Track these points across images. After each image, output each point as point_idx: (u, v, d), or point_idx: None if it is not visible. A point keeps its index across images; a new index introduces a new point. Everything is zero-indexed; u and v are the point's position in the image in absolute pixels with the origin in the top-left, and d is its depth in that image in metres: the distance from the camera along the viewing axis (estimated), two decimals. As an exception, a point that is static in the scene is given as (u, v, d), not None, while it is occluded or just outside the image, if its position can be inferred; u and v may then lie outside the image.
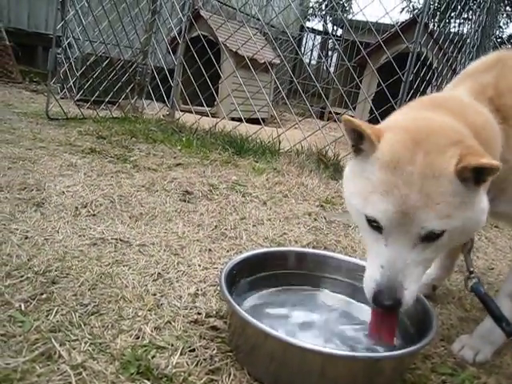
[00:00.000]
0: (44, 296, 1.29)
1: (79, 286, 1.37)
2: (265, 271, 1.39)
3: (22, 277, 1.36)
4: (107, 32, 4.15)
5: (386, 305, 1.01)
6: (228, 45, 4.90)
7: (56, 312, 1.22)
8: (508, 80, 1.24)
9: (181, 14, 4.33)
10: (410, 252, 1.01)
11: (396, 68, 3.33)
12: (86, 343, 1.13)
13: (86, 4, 4.08)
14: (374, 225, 1.03)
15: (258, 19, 4.91)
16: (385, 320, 1.10)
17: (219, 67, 4.67)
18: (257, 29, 5.71)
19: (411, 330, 1.28)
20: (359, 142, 1.08)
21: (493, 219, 2.20)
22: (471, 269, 1.34)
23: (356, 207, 1.07)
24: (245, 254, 1.38)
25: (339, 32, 8.35)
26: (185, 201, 2.22)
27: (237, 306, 1.09)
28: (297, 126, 3.76)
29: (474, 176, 0.99)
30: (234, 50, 4.79)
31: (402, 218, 0.98)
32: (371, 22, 4.96)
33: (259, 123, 3.85)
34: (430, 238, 1.01)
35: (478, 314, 1.61)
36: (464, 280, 1.38)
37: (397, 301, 1.00)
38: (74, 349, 1.10)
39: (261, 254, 1.42)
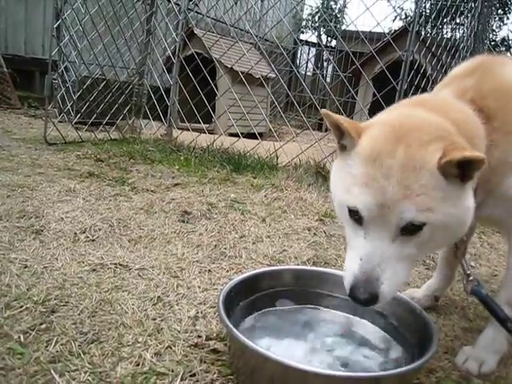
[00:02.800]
0: (43, 326, 1.29)
1: (79, 314, 1.37)
2: (263, 291, 1.39)
3: (21, 307, 1.36)
4: (103, 54, 4.19)
5: (361, 299, 1.00)
6: (223, 61, 4.94)
7: (56, 342, 1.22)
8: (489, 84, 1.26)
9: (174, 34, 4.37)
10: (389, 245, 1.01)
11: (390, 77, 3.34)
12: (85, 373, 1.13)
13: (80, 28, 4.12)
14: (355, 217, 1.04)
15: (253, 34, 4.94)
16: None
17: (215, 84, 4.71)
18: (251, 44, 5.76)
19: (413, 345, 1.27)
20: (342, 138, 1.10)
21: (482, 224, 2.20)
22: (468, 272, 1.33)
23: (338, 199, 1.10)
24: (242, 276, 1.38)
25: (334, 43, 8.44)
26: (183, 221, 2.22)
27: (234, 330, 1.09)
28: (295, 139, 3.78)
29: (459, 172, 1.00)
30: (229, 66, 4.83)
31: (381, 209, 0.99)
32: (363, 32, 5.00)
33: (258, 138, 3.87)
34: (410, 230, 1.01)
35: (482, 323, 1.59)
36: (463, 285, 1.37)
37: (373, 295, 0.99)
38: (74, 379, 1.10)
39: (258, 274, 1.42)
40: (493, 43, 8.61)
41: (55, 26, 3.78)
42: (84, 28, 4.18)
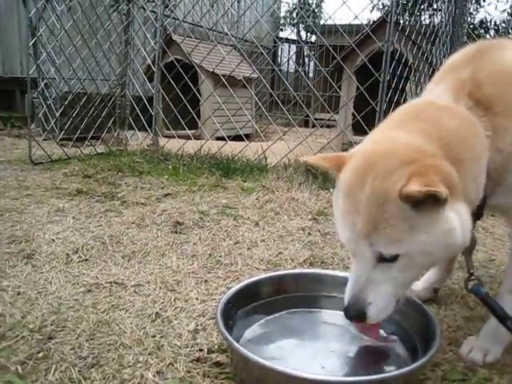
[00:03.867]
0: (41, 354, 1.26)
1: (76, 338, 1.34)
2: (261, 299, 1.37)
3: (17, 337, 1.33)
4: (82, 68, 4.15)
5: (350, 317, 1.11)
6: (204, 66, 4.91)
7: (55, 370, 1.20)
8: (486, 71, 1.23)
9: (152, 42, 4.34)
10: (372, 271, 1.07)
11: (371, 69, 3.34)
12: (87, 400, 1.11)
13: (57, 44, 4.08)
14: None
15: (232, 36, 4.92)
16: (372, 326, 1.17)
17: (198, 89, 4.68)
18: (231, 46, 5.73)
19: (417, 342, 1.26)
20: None
21: (492, 212, 2.19)
22: (472, 270, 1.33)
23: None
24: (239, 285, 1.36)
25: (314, 38, 8.42)
26: (176, 232, 2.20)
27: (234, 342, 1.07)
28: (282, 138, 3.76)
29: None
30: (211, 70, 4.80)
31: (354, 243, 1.06)
32: (342, 25, 5.00)
33: (245, 140, 3.85)
34: (388, 259, 1.04)
35: (484, 311, 1.58)
36: (464, 282, 1.37)
37: (360, 314, 1.08)
38: (76, 407, 1.08)
39: (255, 282, 1.40)
40: (471, 26, 8.64)
41: (31, 43, 3.73)
42: (61, 43, 4.14)
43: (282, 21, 9.05)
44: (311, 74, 8.39)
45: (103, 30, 4.25)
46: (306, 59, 8.03)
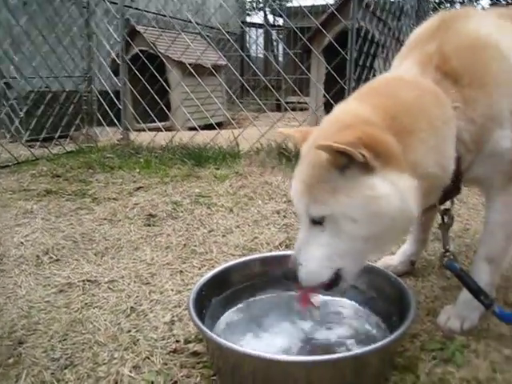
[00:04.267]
0: (11, 360, 1.23)
1: (49, 341, 1.31)
2: (234, 285, 1.36)
3: (-15, 345, 1.29)
4: (44, 66, 4.03)
5: (286, 278, 1.15)
6: (170, 55, 4.83)
7: (26, 375, 1.17)
8: (452, 43, 1.23)
9: (115, 35, 4.23)
10: (307, 234, 1.12)
11: (338, 48, 3.32)
12: (60, 402, 1.08)
13: (14, 41, 3.95)
14: None
15: (197, 23, 4.83)
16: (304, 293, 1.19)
17: (165, 79, 4.61)
18: (197, 33, 5.64)
19: (394, 315, 1.26)
20: None
21: (471, 185, 2.21)
22: (447, 247, 1.34)
23: None
24: (211, 272, 1.34)
25: (281, 22, 8.36)
26: (149, 225, 2.16)
27: (208, 332, 1.05)
28: (254, 123, 3.72)
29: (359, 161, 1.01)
30: (177, 59, 4.71)
31: (295, 204, 1.13)
32: (307, 6, 4.96)
33: (217, 128, 3.80)
34: (318, 222, 1.09)
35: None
36: (439, 258, 1.37)
37: (291, 276, 1.12)
38: (49, 411, 1.05)
39: (227, 269, 1.38)
40: (437, 1, 8.68)
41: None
42: (19, 40, 4.01)
43: (247, 5, 8.96)
44: (281, 58, 8.34)
45: (62, 25, 4.12)
46: (275, 43, 7.96)
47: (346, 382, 1.04)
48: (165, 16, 4.94)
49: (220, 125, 4.62)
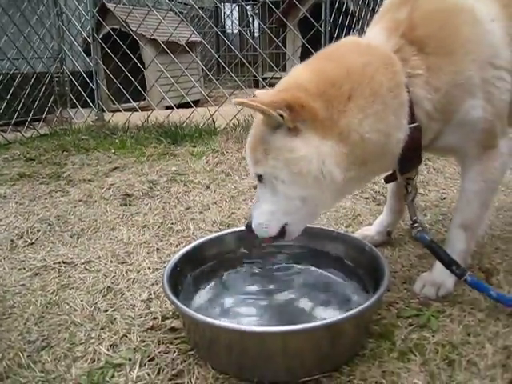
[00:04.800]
0: (-14, 345, 1.21)
1: (25, 323, 1.30)
2: (208, 261, 1.35)
3: (-42, 331, 1.27)
4: (12, 47, 3.91)
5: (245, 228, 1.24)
6: (144, 33, 4.71)
7: (1, 358, 1.15)
8: (421, 10, 1.22)
9: (84, 13, 4.11)
10: (258, 189, 1.22)
11: (312, 20, 3.28)
12: (37, 382, 1.07)
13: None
14: None
15: (173, 0, 4.72)
16: None
17: (139, 58, 4.50)
18: (170, 10, 5.51)
19: (368, 284, 1.27)
20: None
21: (435, 154, 2.23)
22: (414, 218, 1.35)
23: None
24: (185, 248, 1.33)
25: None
26: (126, 205, 2.14)
27: (183, 307, 1.05)
28: (230, 101, 3.68)
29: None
30: (149, 36, 4.61)
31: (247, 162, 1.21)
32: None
33: (194, 106, 3.75)
34: (261, 180, 1.17)
35: (436, 245, 1.62)
36: (409, 229, 1.39)
37: (248, 226, 1.22)
38: (26, 392, 1.04)
39: (200, 244, 1.37)
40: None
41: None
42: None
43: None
44: (257, 33, 8.23)
45: (27, 2, 3.98)
46: (250, 18, 7.84)
47: (322, 350, 1.05)
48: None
49: (197, 103, 4.56)
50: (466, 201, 1.36)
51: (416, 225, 1.35)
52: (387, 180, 1.45)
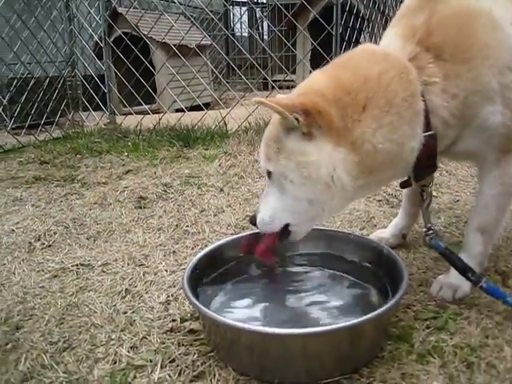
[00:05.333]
0: (9, 346, 1.23)
1: (46, 325, 1.31)
2: (227, 263, 1.36)
3: (-19, 331, 1.29)
4: (25, 51, 3.95)
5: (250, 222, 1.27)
6: (154, 36, 4.75)
7: (25, 359, 1.17)
8: (438, 15, 1.21)
9: (96, 18, 4.14)
10: (267, 185, 1.24)
11: (323, 23, 3.28)
12: (61, 383, 1.08)
13: None
14: None
15: (180, 3, 4.74)
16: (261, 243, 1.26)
17: (150, 61, 4.53)
18: (181, 13, 5.54)
19: (388, 286, 1.27)
20: None
21: (453, 159, 2.22)
22: (429, 225, 1.35)
23: None
24: (203, 251, 1.35)
25: (265, -1, 8.23)
26: (140, 207, 2.16)
27: (203, 308, 1.06)
28: (242, 103, 3.70)
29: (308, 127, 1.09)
30: (160, 40, 4.64)
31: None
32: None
33: (205, 109, 3.77)
34: (270, 176, 1.19)
35: (452, 248, 1.62)
36: (422, 237, 1.39)
37: (252, 219, 1.24)
38: (50, 392, 1.06)
39: (219, 246, 1.38)
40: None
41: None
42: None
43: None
44: (266, 36, 8.25)
45: (40, 8, 4.02)
46: (259, 21, 7.85)
47: (342, 352, 1.05)
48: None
49: (207, 105, 4.58)
50: (483, 204, 1.36)
51: (430, 232, 1.35)
52: (403, 185, 1.45)
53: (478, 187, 1.40)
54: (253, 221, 1.24)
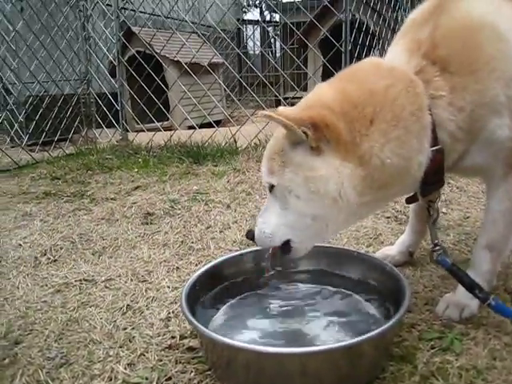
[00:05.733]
0: (7, 360, 1.22)
1: (45, 340, 1.31)
2: (227, 280, 1.35)
3: (-19, 346, 1.28)
4: (42, 70, 4.04)
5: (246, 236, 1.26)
6: (167, 55, 4.82)
7: (21, 374, 1.16)
8: (443, 28, 1.20)
9: (110, 37, 4.23)
10: (267, 199, 1.21)
11: (333, 40, 3.30)
12: (55, 400, 1.07)
13: (12, 47, 3.96)
14: None
15: (193, 22, 4.82)
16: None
17: (163, 79, 4.59)
18: (194, 32, 5.63)
19: (389, 304, 1.24)
20: None
21: (462, 176, 2.19)
22: (435, 241, 1.33)
23: None
24: (204, 267, 1.33)
25: (278, 17, 8.33)
26: (147, 223, 2.16)
27: (201, 326, 1.04)
28: (252, 120, 3.72)
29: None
30: (173, 58, 4.70)
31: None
32: (301, 1, 4.94)
33: (219, 126, 3.80)
34: (271, 190, 1.17)
35: (460, 266, 1.58)
36: (429, 253, 1.36)
37: (249, 233, 1.23)
38: (43, 410, 1.05)
39: (219, 263, 1.37)
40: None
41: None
42: (17, 46, 4.02)
43: (244, 2, 8.93)
44: (278, 54, 8.32)
45: (57, 28, 4.12)
46: (272, 39, 7.94)
47: (341, 372, 1.03)
48: (159, 16, 4.93)
49: (219, 123, 4.61)
50: (491, 221, 1.32)
51: (437, 248, 1.32)
52: (408, 201, 1.42)
53: (486, 203, 1.37)
54: (249, 235, 1.22)
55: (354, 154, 1.08)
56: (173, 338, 1.28)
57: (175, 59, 4.50)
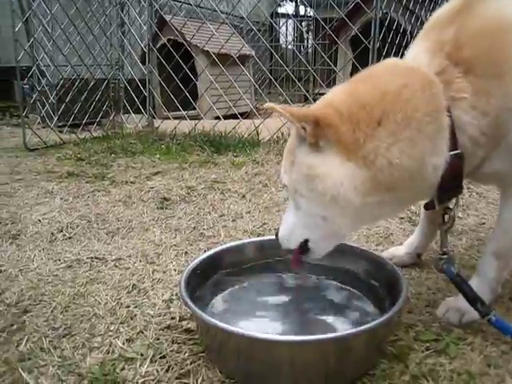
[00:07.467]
0: (15, 327, 1.28)
1: (52, 311, 1.36)
2: (230, 267, 1.37)
3: (-7, 311, 1.35)
4: (75, 54, 4.14)
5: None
6: (199, 45, 4.87)
7: (26, 341, 1.22)
8: (468, 29, 1.16)
9: (143, 25, 4.30)
10: (288, 202, 1.22)
11: (362, 38, 3.27)
12: (54, 367, 1.12)
13: (48, 30, 4.07)
14: None
15: (225, 13, 4.84)
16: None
17: (193, 69, 4.64)
18: (224, 23, 5.65)
19: (386, 302, 1.24)
20: None
21: (482, 183, 2.13)
22: (444, 249, 1.30)
23: None
24: (208, 252, 1.36)
25: (312, 13, 8.27)
26: (162, 208, 2.20)
27: (196, 309, 1.07)
28: (274, 114, 3.71)
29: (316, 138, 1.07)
30: (206, 48, 4.75)
31: None
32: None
33: (244, 117, 3.83)
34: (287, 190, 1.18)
35: (467, 272, 1.56)
36: (435, 260, 1.34)
37: (276, 232, 1.24)
38: (42, 374, 1.10)
39: (223, 250, 1.40)
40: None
41: (17, 29, 3.71)
42: (52, 29, 4.13)
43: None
44: (310, 50, 8.28)
45: (91, 14, 4.21)
46: (305, 34, 7.89)
47: (330, 364, 1.03)
48: (190, 5, 4.97)
49: (246, 115, 4.63)
50: (503, 229, 1.30)
51: (444, 256, 1.29)
52: (427, 207, 1.38)
53: (499, 211, 1.35)
54: (277, 235, 1.23)
55: (356, 154, 1.06)
56: (172, 318, 1.32)
57: (205, 49, 4.54)
